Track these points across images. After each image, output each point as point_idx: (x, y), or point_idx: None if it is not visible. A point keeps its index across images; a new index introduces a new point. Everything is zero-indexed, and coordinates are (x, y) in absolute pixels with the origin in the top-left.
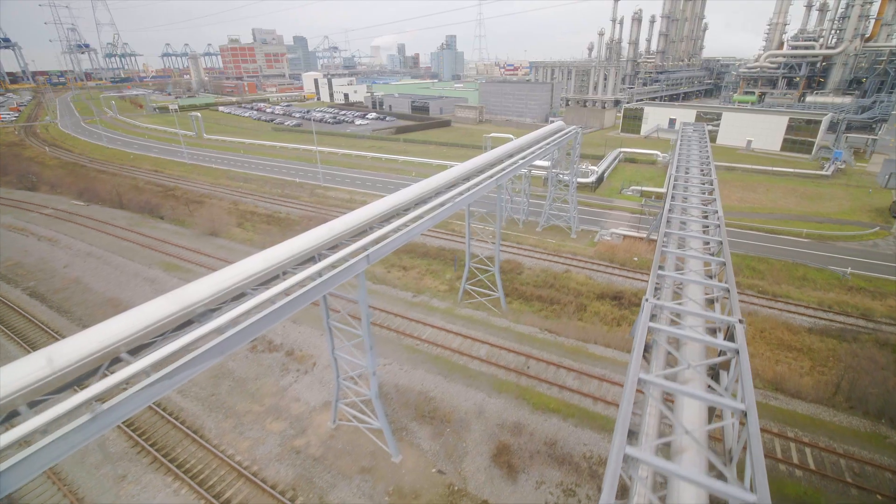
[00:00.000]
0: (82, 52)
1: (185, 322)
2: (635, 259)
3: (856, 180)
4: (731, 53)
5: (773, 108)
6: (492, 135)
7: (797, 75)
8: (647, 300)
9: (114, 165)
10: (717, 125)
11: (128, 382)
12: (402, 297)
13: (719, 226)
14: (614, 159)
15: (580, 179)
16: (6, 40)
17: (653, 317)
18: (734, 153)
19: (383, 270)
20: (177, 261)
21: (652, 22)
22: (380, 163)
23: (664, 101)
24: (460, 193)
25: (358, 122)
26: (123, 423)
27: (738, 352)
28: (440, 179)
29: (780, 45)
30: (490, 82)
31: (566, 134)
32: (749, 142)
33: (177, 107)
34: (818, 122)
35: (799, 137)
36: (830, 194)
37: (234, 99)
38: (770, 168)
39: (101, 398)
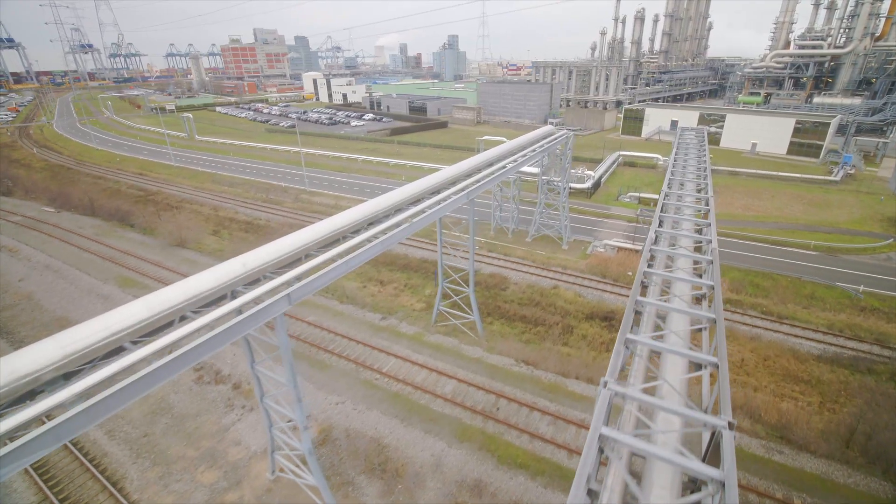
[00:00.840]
0: (85, 53)
1: (23, 394)
2: (629, 273)
3: (866, 186)
4: (733, 51)
5: (780, 110)
6: (485, 137)
7: (804, 76)
8: (605, 385)
9: (100, 168)
10: (721, 127)
11: None
12: (369, 319)
13: (713, 262)
14: (613, 163)
15: (575, 185)
16: (10, 40)
17: (616, 400)
18: (738, 157)
19: (357, 286)
20: (135, 276)
21: (655, 21)
22: (371, 166)
23: (667, 101)
24: (422, 211)
25: (354, 123)
26: (35, 469)
27: (723, 485)
28: (403, 194)
29: (787, 45)
30: (488, 83)
31: (556, 139)
32: (754, 145)
33: (173, 107)
34: (826, 125)
35: (806, 140)
36: (839, 201)
37: (232, 99)
38: (776, 173)
39: None
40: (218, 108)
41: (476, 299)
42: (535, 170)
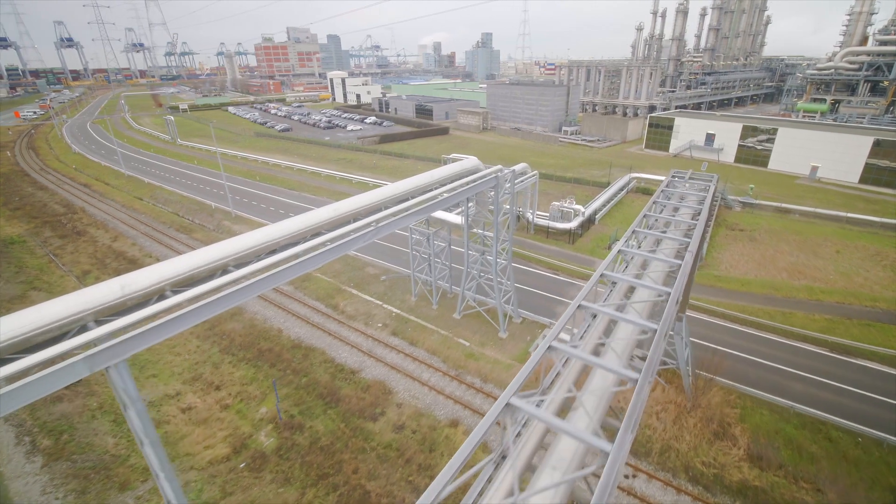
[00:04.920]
0: (137, 52)
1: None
2: None
3: None
4: (795, 49)
5: (851, 123)
6: (452, 155)
7: (885, 78)
8: None
9: (56, 175)
10: (771, 142)
11: None
12: None
13: None
14: (621, 190)
15: (556, 225)
16: (69, 40)
17: None
18: (791, 184)
19: (167, 394)
20: None
21: (703, 15)
22: (332, 183)
23: (713, 106)
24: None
25: (350, 127)
26: None
27: None
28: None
29: (864, 40)
30: (497, 84)
31: (478, 181)
32: (814, 169)
33: (186, 106)
34: None
35: (888, 165)
36: None
37: (251, 98)
38: (843, 213)
39: None
40: (230, 109)
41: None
42: (456, 219)
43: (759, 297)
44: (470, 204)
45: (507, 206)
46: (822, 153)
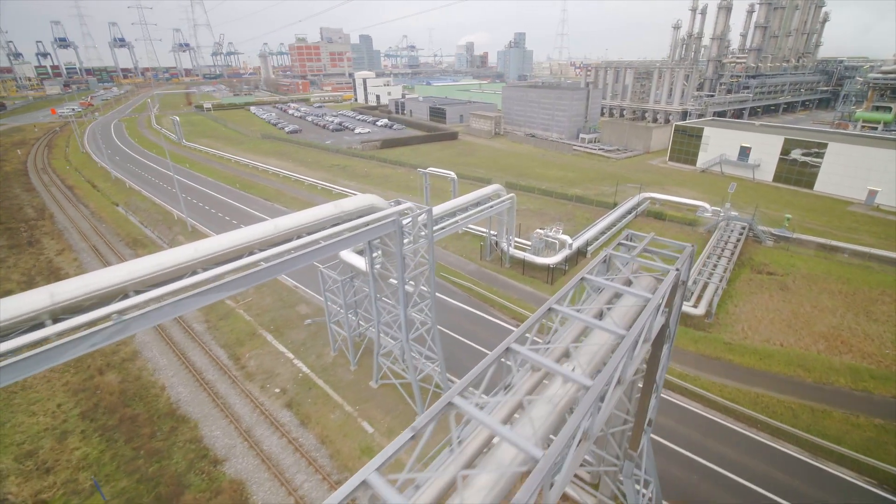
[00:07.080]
0: (183, 51)
1: None
2: None
3: None
4: (832, 41)
5: None
6: (429, 170)
7: None
8: None
9: (49, 176)
10: (819, 157)
11: None
12: None
13: None
14: (629, 212)
15: (534, 259)
16: (121, 40)
17: None
18: (841, 212)
19: (5, 465)
20: None
21: (749, 12)
22: (312, 193)
23: (757, 113)
24: None
25: (358, 129)
26: None
27: None
28: None
29: None
30: (512, 86)
31: (361, 231)
32: (872, 193)
33: (210, 105)
34: None
35: None
36: None
37: (275, 98)
38: None
39: None
40: (252, 108)
41: None
42: (359, 261)
43: (781, 382)
44: (376, 253)
45: (426, 256)
46: (884, 174)
